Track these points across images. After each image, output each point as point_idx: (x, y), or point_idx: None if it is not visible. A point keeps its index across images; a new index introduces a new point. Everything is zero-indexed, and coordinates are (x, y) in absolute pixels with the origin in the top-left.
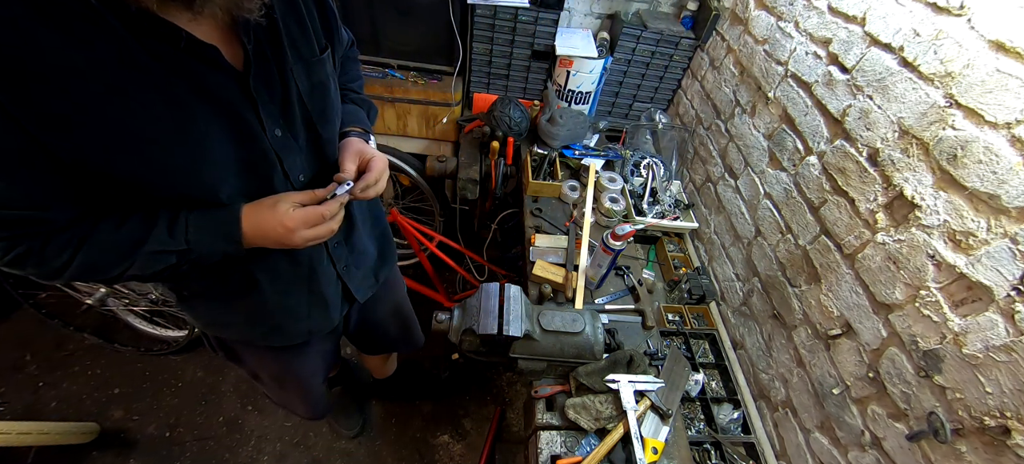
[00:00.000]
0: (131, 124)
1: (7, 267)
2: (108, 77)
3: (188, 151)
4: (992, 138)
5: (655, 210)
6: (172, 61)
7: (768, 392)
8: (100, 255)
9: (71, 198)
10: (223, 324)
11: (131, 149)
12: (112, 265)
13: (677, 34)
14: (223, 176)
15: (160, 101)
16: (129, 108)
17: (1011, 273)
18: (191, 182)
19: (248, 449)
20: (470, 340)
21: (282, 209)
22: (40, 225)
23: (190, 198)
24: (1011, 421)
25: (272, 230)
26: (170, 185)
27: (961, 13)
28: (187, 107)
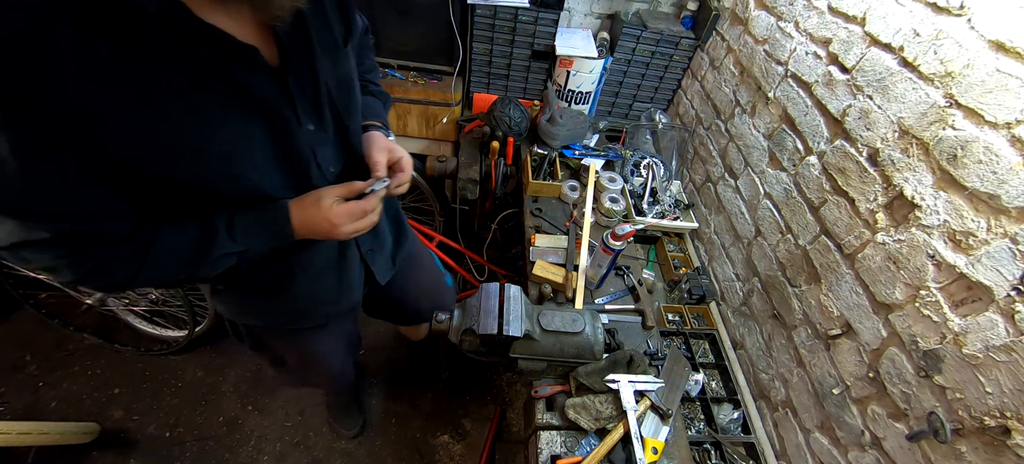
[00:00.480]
0: (182, 128)
1: (79, 283)
2: (158, 83)
3: (232, 151)
4: (992, 138)
5: (655, 210)
6: (213, 64)
7: (768, 392)
8: (167, 263)
9: (130, 207)
10: (255, 312)
11: (183, 153)
12: (178, 272)
13: (677, 34)
14: (265, 173)
15: (205, 104)
16: (180, 113)
17: (1011, 273)
18: (238, 181)
19: (248, 449)
20: (470, 340)
21: (326, 205)
22: (106, 237)
23: (237, 197)
24: (1011, 421)
25: (318, 225)
26: (219, 186)
27: (961, 13)
28: (229, 108)
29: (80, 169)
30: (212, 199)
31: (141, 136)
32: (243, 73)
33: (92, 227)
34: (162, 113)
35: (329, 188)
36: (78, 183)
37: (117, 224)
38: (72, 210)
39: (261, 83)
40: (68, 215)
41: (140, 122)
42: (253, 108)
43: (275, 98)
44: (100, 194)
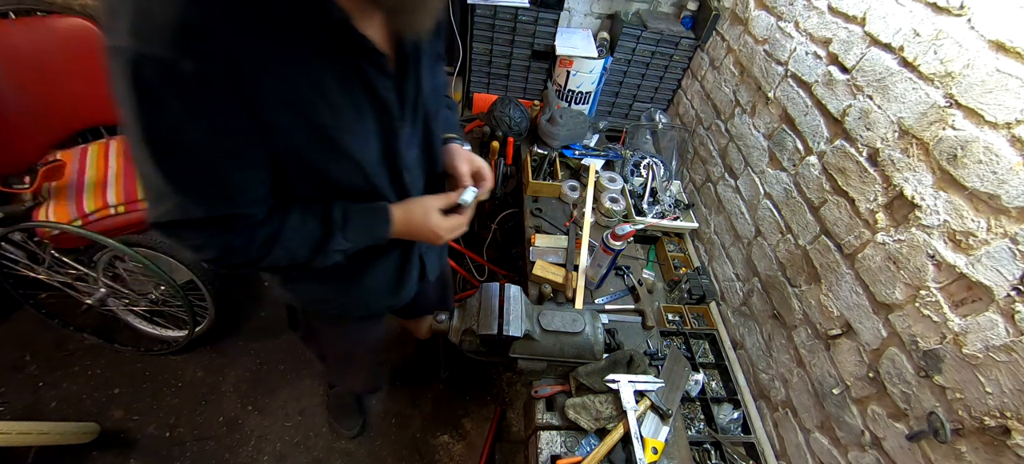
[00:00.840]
0: (336, 122)
1: (217, 262)
2: (323, 82)
3: (363, 146)
4: (992, 138)
5: (655, 210)
6: (356, 66)
7: (768, 392)
8: (290, 251)
9: (269, 193)
10: (321, 299)
11: (331, 143)
12: (296, 259)
13: (677, 34)
14: (375, 170)
15: (349, 102)
16: (334, 108)
17: (1011, 273)
18: (359, 174)
19: (248, 449)
20: (470, 340)
21: (434, 218)
22: (249, 220)
23: (354, 190)
24: (1011, 421)
25: (421, 233)
26: (346, 178)
27: (961, 13)
28: (362, 107)
29: (249, 154)
30: (331, 192)
31: (305, 127)
32: (374, 76)
33: (242, 210)
34: (324, 108)
35: (431, 199)
36: (243, 167)
37: (259, 209)
38: (230, 192)
39: (385, 86)
40: (226, 197)
41: (306, 114)
42: (375, 108)
43: (392, 101)
44: (256, 178)
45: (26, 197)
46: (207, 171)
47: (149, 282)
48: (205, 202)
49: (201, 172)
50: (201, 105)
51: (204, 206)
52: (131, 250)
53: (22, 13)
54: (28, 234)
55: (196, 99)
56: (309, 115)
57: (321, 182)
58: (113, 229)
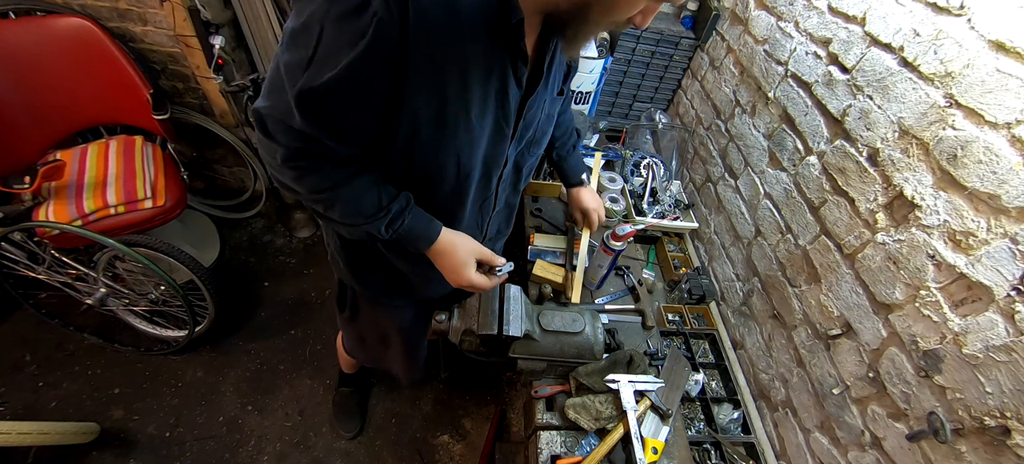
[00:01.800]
0: (463, 108)
1: (278, 170)
2: (476, 69)
3: (471, 139)
4: (992, 138)
5: (655, 210)
6: (502, 65)
7: (768, 392)
8: (338, 205)
9: (362, 144)
10: (368, 281)
11: (444, 124)
12: (337, 216)
13: (677, 34)
14: (474, 170)
15: (480, 93)
16: (475, 94)
17: (1011, 273)
18: (455, 166)
19: (248, 449)
20: (470, 340)
21: (471, 268)
22: (332, 152)
23: (443, 180)
24: (1011, 421)
25: (451, 266)
26: (441, 163)
27: (961, 13)
28: (489, 104)
29: (373, 103)
30: (422, 172)
31: (438, 101)
32: (511, 83)
33: (333, 141)
34: (463, 92)
35: (478, 247)
36: (361, 111)
37: (345, 150)
38: (334, 123)
39: (515, 95)
40: (329, 126)
41: (447, 90)
42: (499, 110)
43: (512, 110)
44: (363, 125)
45: (26, 197)
46: (327, 98)
47: (149, 282)
48: (309, 119)
49: (322, 95)
50: (364, 43)
51: (306, 121)
52: (131, 250)
53: (22, 13)
54: (28, 234)
55: (362, 36)
56: (448, 93)
57: (419, 158)
58: (113, 229)
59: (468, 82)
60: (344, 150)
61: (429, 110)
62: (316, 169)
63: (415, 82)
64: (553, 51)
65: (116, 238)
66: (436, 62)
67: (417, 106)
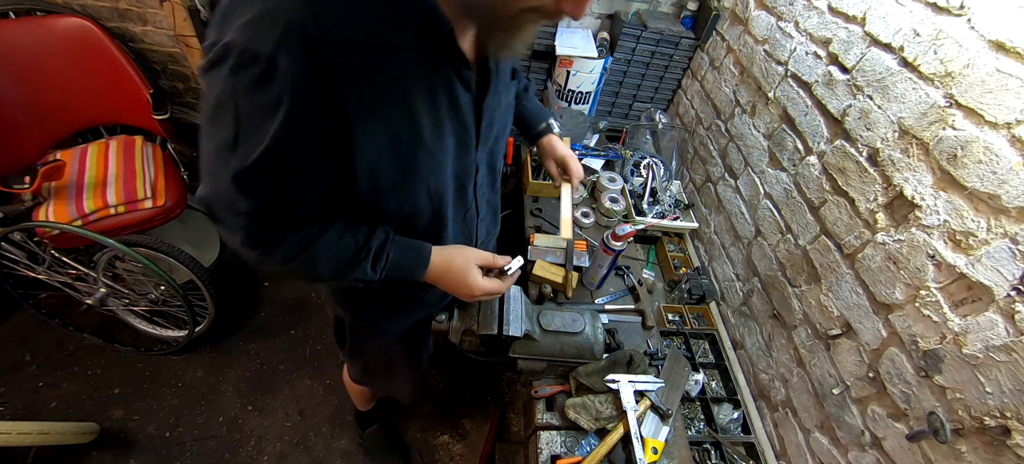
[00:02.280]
0: (415, 136)
1: (243, 250)
2: (417, 94)
3: (436, 163)
4: (992, 138)
5: (655, 210)
6: (446, 81)
7: (768, 392)
8: (316, 265)
9: (320, 201)
10: (365, 312)
11: (404, 157)
12: (319, 275)
13: (677, 34)
14: (445, 186)
15: (430, 115)
16: (416, 120)
17: (1011, 273)
18: (426, 196)
19: (248, 449)
20: (470, 340)
21: (474, 276)
22: (288, 220)
23: (417, 212)
24: (1011, 421)
25: (455, 284)
26: (412, 196)
27: (961, 13)
28: (443, 121)
29: (318, 162)
30: (395, 208)
31: (390, 139)
32: (459, 92)
33: (285, 210)
34: (412, 121)
35: (476, 253)
36: (307, 173)
37: (304, 212)
38: (284, 194)
39: (466, 103)
40: (278, 197)
41: (395, 126)
42: (455, 123)
43: (468, 118)
44: (315, 186)
45: (26, 197)
46: (266, 174)
47: (149, 282)
48: (254, 198)
49: (259, 173)
50: (285, 109)
51: (253, 201)
52: (131, 250)
53: (22, 13)
54: (28, 234)
55: (280, 101)
56: (398, 127)
57: (387, 198)
58: (113, 229)
59: (414, 109)
60: (303, 214)
61: (383, 151)
62: (279, 241)
63: (359, 126)
64: (521, 54)
65: (116, 238)
66: (374, 99)
67: (369, 151)
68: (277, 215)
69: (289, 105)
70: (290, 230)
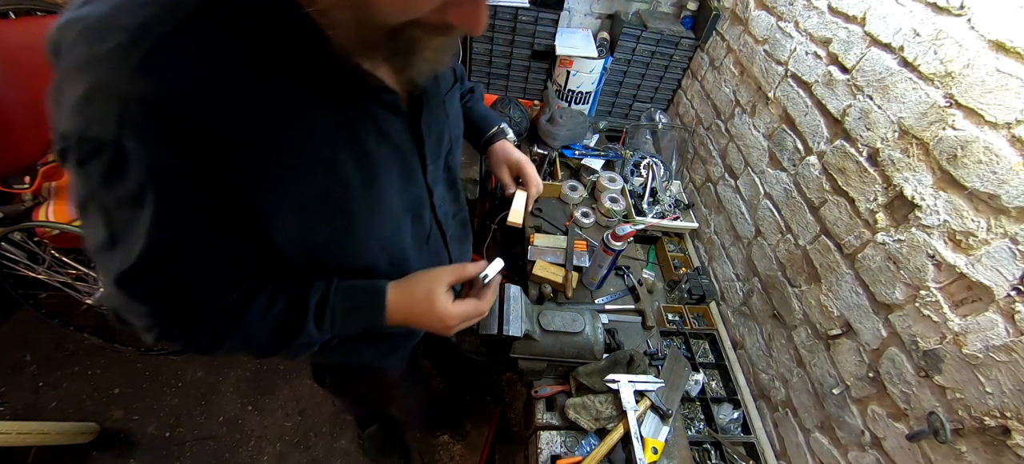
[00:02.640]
0: (330, 180)
1: (177, 348)
2: (315, 130)
3: (378, 205)
4: (992, 138)
5: (655, 210)
6: (365, 112)
7: (768, 392)
8: (247, 342)
9: (237, 280)
10: (346, 353)
11: (324, 212)
12: (257, 351)
13: (677, 34)
14: (397, 225)
15: (354, 156)
16: (330, 163)
17: (1011, 273)
18: (377, 244)
19: (248, 449)
20: (470, 340)
21: (441, 304)
22: (203, 312)
23: (367, 268)
24: (1011, 421)
25: (425, 322)
26: (348, 251)
27: (961, 13)
28: (373, 157)
29: (220, 248)
30: (340, 266)
31: (309, 198)
32: (385, 119)
33: (188, 303)
34: (336, 167)
35: (440, 277)
36: (202, 260)
37: (213, 298)
38: (178, 291)
39: (398, 128)
40: (171, 294)
41: (314, 180)
42: (392, 156)
43: (406, 143)
44: (224, 270)
45: (26, 197)
46: (155, 270)
47: None
48: (149, 302)
49: (148, 272)
50: (152, 197)
51: (149, 305)
52: None
53: (22, 13)
54: (28, 234)
55: (143, 191)
56: (315, 182)
57: (327, 259)
58: None
59: (330, 156)
60: (214, 301)
61: (305, 212)
62: (193, 332)
63: (261, 194)
64: (430, 75)
65: None
66: (272, 159)
67: (284, 218)
68: (180, 310)
69: (155, 194)
70: (201, 319)
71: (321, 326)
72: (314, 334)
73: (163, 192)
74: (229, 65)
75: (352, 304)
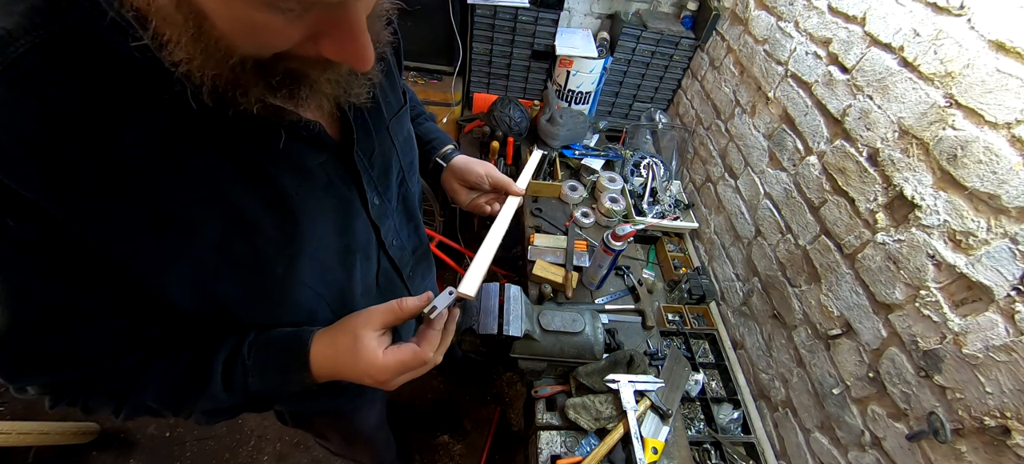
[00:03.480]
0: (230, 231)
1: (51, 408)
2: (200, 176)
3: (293, 251)
4: (992, 138)
5: (655, 210)
6: (277, 150)
7: (768, 392)
8: (150, 405)
9: (129, 343)
10: (303, 402)
11: (227, 266)
12: (163, 410)
13: (677, 34)
14: (330, 275)
15: (263, 201)
16: (228, 211)
17: (1011, 273)
18: (312, 295)
19: (248, 449)
20: (470, 340)
21: (367, 357)
22: (99, 376)
23: (307, 318)
24: (1011, 421)
25: (355, 378)
26: (269, 305)
27: (961, 13)
28: (288, 198)
29: (103, 321)
30: (250, 324)
31: (210, 258)
32: (306, 155)
33: (82, 368)
34: (243, 215)
35: (368, 315)
36: (87, 328)
37: (116, 363)
38: (65, 356)
39: (326, 163)
40: (52, 368)
41: (213, 235)
42: (319, 196)
43: (339, 178)
44: (107, 336)
45: None
46: (27, 338)
47: None
48: (30, 374)
49: (21, 338)
50: (3, 261)
51: (30, 377)
52: None
53: None
54: None
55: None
56: (216, 238)
57: (249, 315)
58: None
59: (230, 201)
60: (116, 364)
61: (200, 269)
62: (93, 391)
63: (142, 254)
64: (367, 94)
65: None
66: (146, 212)
67: (176, 278)
68: (69, 377)
69: (1, 264)
70: (96, 383)
71: (231, 388)
72: (222, 397)
73: (11, 262)
74: (74, 114)
75: (267, 359)
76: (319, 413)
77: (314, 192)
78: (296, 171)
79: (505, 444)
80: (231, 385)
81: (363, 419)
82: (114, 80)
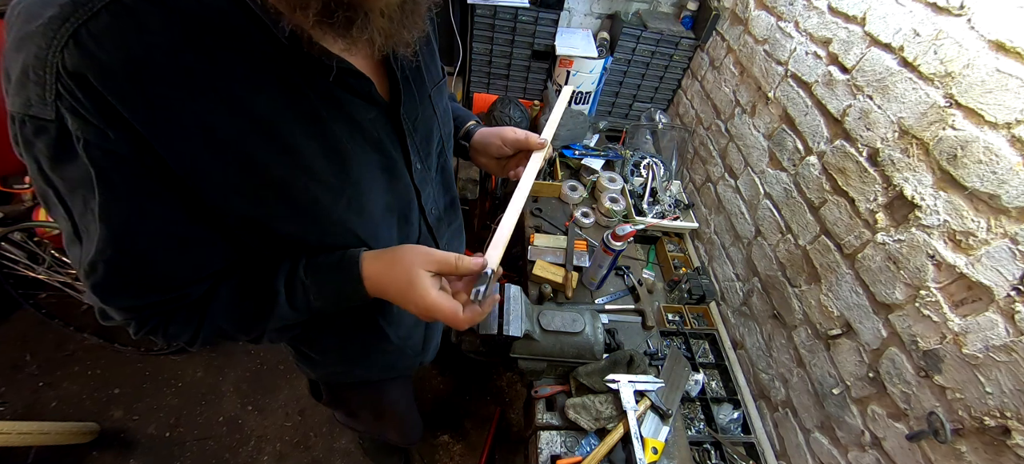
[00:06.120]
0: (293, 172)
1: (158, 340)
2: (267, 114)
3: (346, 200)
4: (992, 138)
5: (655, 210)
6: (334, 100)
7: (768, 392)
8: (224, 328)
9: (206, 270)
10: (341, 372)
11: (289, 205)
12: (238, 336)
13: (677, 34)
14: (380, 226)
15: (321, 147)
16: (291, 152)
17: (1011, 273)
18: (345, 235)
19: (248, 449)
20: (470, 340)
21: (420, 293)
22: (176, 303)
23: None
24: (1011, 421)
25: (402, 303)
26: (321, 241)
27: (961, 13)
28: (343, 148)
29: (181, 238)
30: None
31: (267, 188)
32: (359, 109)
33: (162, 293)
34: (299, 156)
35: (424, 256)
36: (170, 255)
37: (193, 288)
38: (154, 280)
39: (375, 119)
40: (141, 287)
41: (271, 169)
42: (368, 148)
43: (387, 137)
44: (183, 259)
45: (26, 197)
46: (124, 264)
47: None
48: (122, 296)
49: (117, 264)
50: (99, 177)
51: (121, 299)
52: None
53: None
54: (28, 234)
55: (90, 170)
56: (271, 172)
57: (301, 251)
58: None
59: (291, 144)
60: (189, 291)
61: (266, 203)
62: (167, 324)
63: (212, 182)
64: (414, 43)
65: None
66: (220, 147)
67: (242, 209)
68: (151, 301)
69: (102, 176)
70: (173, 310)
71: (294, 306)
72: (289, 315)
73: (109, 174)
74: (167, 44)
75: (323, 279)
76: (352, 386)
77: (364, 147)
78: (349, 123)
79: (505, 444)
80: (294, 303)
81: (393, 396)
82: (201, 18)
